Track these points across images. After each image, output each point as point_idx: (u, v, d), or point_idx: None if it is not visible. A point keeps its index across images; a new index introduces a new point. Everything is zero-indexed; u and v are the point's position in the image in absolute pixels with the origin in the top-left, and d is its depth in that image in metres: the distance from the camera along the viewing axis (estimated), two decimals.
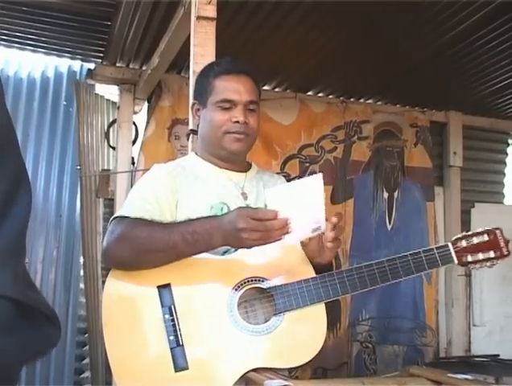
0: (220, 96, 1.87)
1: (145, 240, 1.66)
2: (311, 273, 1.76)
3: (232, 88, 1.87)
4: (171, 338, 1.65)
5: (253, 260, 1.72)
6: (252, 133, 1.91)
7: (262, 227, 1.54)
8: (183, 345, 1.65)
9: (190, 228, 1.64)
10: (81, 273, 4.54)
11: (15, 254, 0.86)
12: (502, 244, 1.80)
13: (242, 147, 1.91)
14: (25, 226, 0.89)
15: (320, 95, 4.83)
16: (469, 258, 1.79)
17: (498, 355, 4.23)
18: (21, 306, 0.84)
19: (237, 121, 1.85)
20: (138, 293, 1.71)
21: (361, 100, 4.97)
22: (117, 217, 1.76)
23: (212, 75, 1.91)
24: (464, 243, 1.80)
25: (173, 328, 1.65)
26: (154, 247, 1.66)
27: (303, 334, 1.73)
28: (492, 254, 1.80)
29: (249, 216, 1.56)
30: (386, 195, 4.87)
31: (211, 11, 2.43)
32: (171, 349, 1.65)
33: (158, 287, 1.69)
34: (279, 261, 1.76)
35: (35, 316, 0.87)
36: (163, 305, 1.67)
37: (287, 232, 1.56)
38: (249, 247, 1.60)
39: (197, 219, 1.69)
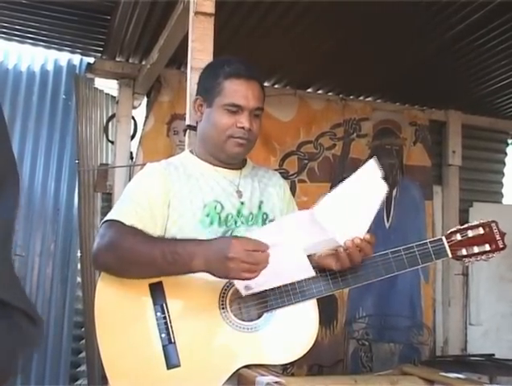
0: (228, 100, 1.85)
1: (128, 252, 1.66)
2: None
3: (241, 93, 1.85)
4: (163, 335, 1.66)
5: None
6: (254, 138, 1.92)
7: (251, 260, 1.54)
8: (175, 342, 1.66)
9: (172, 247, 1.63)
10: (78, 266, 4.55)
11: (1, 252, 0.85)
12: (498, 236, 1.78)
13: (243, 152, 1.92)
14: (12, 223, 0.88)
15: (319, 92, 4.82)
16: (464, 252, 1.78)
17: (493, 355, 4.24)
18: (4, 305, 0.83)
19: (243, 127, 1.85)
20: (130, 291, 1.71)
21: (361, 98, 4.95)
22: (108, 220, 1.75)
23: (222, 75, 1.88)
24: (458, 236, 1.78)
25: (165, 326, 1.66)
26: (135, 259, 1.65)
27: (294, 330, 1.74)
28: (487, 247, 1.78)
29: (242, 246, 1.55)
30: None
31: (209, 7, 2.42)
32: (164, 346, 1.66)
33: (150, 285, 1.69)
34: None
35: (16, 315, 0.86)
36: (154, 303, 1.68)
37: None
38: (232, 277, 1.60)
39: (183, 239, 1.70)
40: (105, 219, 1.77)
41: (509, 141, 5.62)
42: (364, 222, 1.64)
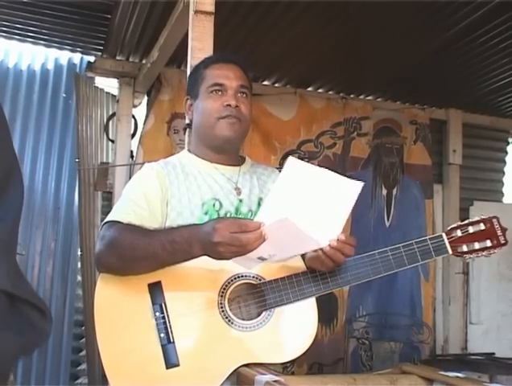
0: (210, 82, 1.89)
1: (128, 248, 1.65)
2: (302, 268, 1.75)
3: (222, 74, 1.89)
4: (162, 335, 1.65)
5: None
6: (244, 119, 1.89)
7: (237, 242, 1.50)
8: (174, 342, 1.65)
9: (170, 237, 1.62)
10: (79, 265, 4.56)
11: (8, 248, 0.86)
12: (499, 232, 1.75)
13: (236, 133, 1.88)
14: (17, 220, 0.89)
15: (319, 91, 4.82)
16: (464, 248, 1.74)
17: (494, 354, 4.24)
18: (14, 299, 0.84)
19: (229, 105, 1.85)
20: (129, 291, 1.70)
21: (361, 97, 4.96)
22: (108, 222, 1.75)
23: (202, 66, 1.96)
24: (459, 232, 1.75)
25: (164, 325, 1.66)
26: (137, 255, 1.64)
27: (293, 329, 1.73)
28: (489, 243, 1.74)
29: (226, 229, 1.51)
30: (384, 191, 4.87)
31: (209, 6, 2.43)
32: (163, 346, 1.65)
33: (149, 285, 1.69)
34: None
35: (26, 308, 0.87)
36: (153, 303, 1.67)
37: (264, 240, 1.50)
38: (229, 259, 1.56)
39: (178, 227, 1.68)
40: (105, 221, 1.77)
41: (510, 139, 5.61)
42: (336, 223, 1.60)
